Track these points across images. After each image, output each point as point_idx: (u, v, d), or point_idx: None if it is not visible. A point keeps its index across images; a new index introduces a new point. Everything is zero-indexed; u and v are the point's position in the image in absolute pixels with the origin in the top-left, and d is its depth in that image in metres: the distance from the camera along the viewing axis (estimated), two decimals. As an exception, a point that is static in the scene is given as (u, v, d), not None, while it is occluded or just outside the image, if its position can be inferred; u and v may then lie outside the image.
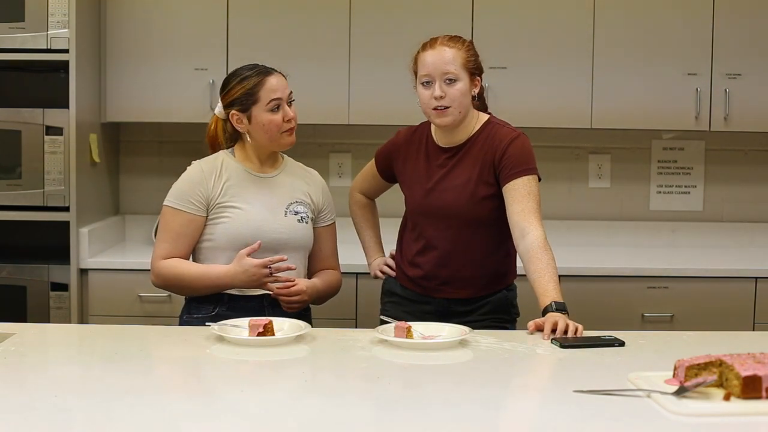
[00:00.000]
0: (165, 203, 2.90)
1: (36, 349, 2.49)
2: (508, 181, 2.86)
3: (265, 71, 2.89)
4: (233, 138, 2.96)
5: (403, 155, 3.07)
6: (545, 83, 4.13)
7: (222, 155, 2.95)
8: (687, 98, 4.15)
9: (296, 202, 2.95)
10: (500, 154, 2.89)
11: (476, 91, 2.94)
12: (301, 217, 2.94)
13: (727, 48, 4.13)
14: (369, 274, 3.30)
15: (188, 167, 2.94)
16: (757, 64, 4.15)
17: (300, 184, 2.99)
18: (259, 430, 1.90)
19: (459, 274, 2.97)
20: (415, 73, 2.95)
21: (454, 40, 2.93)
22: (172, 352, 2.50)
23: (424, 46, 2.93)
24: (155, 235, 4.18)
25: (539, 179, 2.90)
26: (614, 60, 4.13)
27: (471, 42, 2.97)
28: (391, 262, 3.17)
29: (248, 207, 2.88)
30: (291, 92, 2.92)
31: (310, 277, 3.01)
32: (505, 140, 2.90)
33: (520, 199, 2.83)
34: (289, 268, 2.81)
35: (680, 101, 4.15)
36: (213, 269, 2.85)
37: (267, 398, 2.09)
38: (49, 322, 3.84)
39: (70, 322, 3.83)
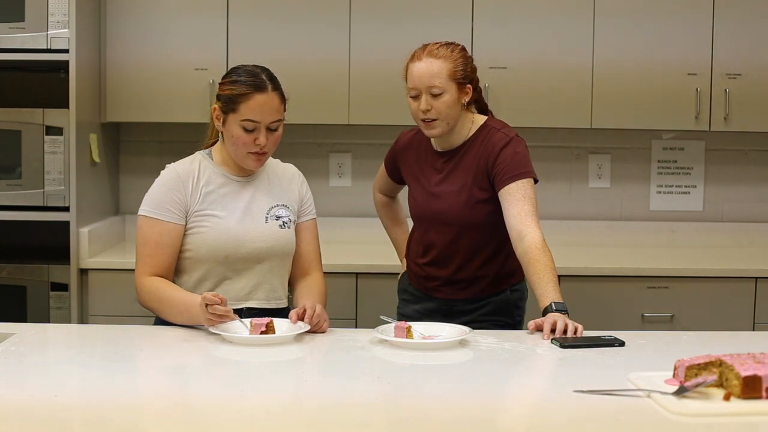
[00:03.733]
0: (140, 213, 2.75)
1: (36, 349, 2.49)
2: (503, 186, 2.86)
3: (259, 86, 2.68)
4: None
5: (404, 159, 3.09)
6: (545, 83, 4.13)
7: (199, 157, 2.81)
8: (687, 98, 4.15)
9: (277, 205, 2.80)
10: (493, 160, 2.89)
11: (467, 99, 2.91)
12: (283, 222, 2.79)
13: (727, 48, 4.13)
14: (369, 274, 3.31)
15: (162, 171, 2.78)
16: (757, 64, 4.14)
17: (280, 184, 2.85)
18: (258, 430, 1.90)
19: (457, 276, 2.98)
20: (406, 83, 2.92)
21: (444, 48, 2.88)
22: (172, 352, 2.50)
23: (413, 57, 2.90)
24: None
25: (536, 181, 2.90)
26: (614, 60, 4.13)
27: (462, 48, 2.92)
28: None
29: (227, 215, 2.74)
30: (280, 120, 2.71)
31: (291, 280, 2.88)
32: (498, 146, 2.90)
33: (516, 202, 2.83)
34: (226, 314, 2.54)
35: (680, 101, 4.15)
36: (187, 298, 2.64)
37: (267, 398, 2.09)
38: (49, 322, 3.84)
39: (70, 322, 3.83)
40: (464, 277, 2.98)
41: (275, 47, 4.09)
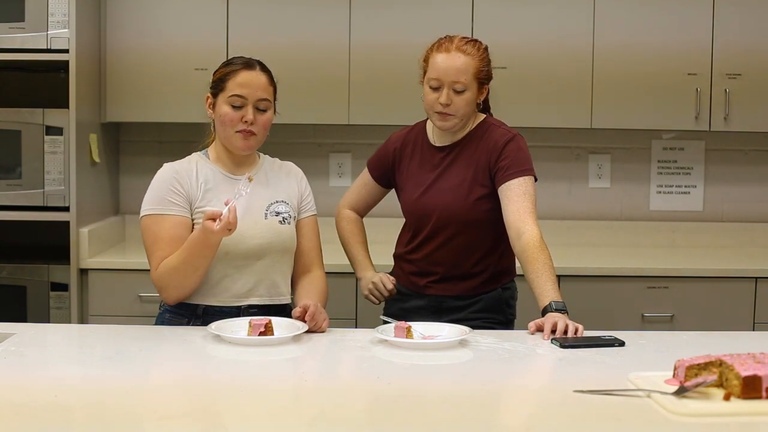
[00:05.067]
0: (143, 214, 2.72)
1: (36, 349, 2.49)
2: (503, 182, 2.86)
3: (248, 64, 2.74)
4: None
5: (399, 156, 3.05)
6: (546, 83, 4.13)
7: (195, 157, 2.82)
8: (687, 98, 4.15)
9: (277, 201, 2.80)
10: (496, 156, 2.88)
11: (482, 98, 2.92)
12: (283, 217, 2.79)
13: (727, 48, 4.13)
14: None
15: (159, 170, 2.78)
16: (757, 64, 4.15)
17: (279, 181, 2.85)
18: (258, 429, 1.90)
19: (452, 273, 2.97)
20: (424, 70, 2.90)
21: (470, 45, 2.87)
22: (172, 352, 2.50)
23: (439, 47, 2.87)
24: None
25: (535, 179, 2.90)
26: (614, 60, 4.13)
27: (486, 48, 2.92)
28: (385, 281, 3.02)
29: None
30: (268, 100, 2.73)
31: (293, 277, 2.87)
32: (501, 141, 2.90)
33: (516, 199, 2.83)
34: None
35: (680, 101, 4.15)
36: (191, 237, 2.63)
37: (267, 398, 2.09)
38: (49, 322, 3.84)
39: (70, 322, 3.83)
40: (459, 273, 2.96)
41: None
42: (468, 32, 4.07)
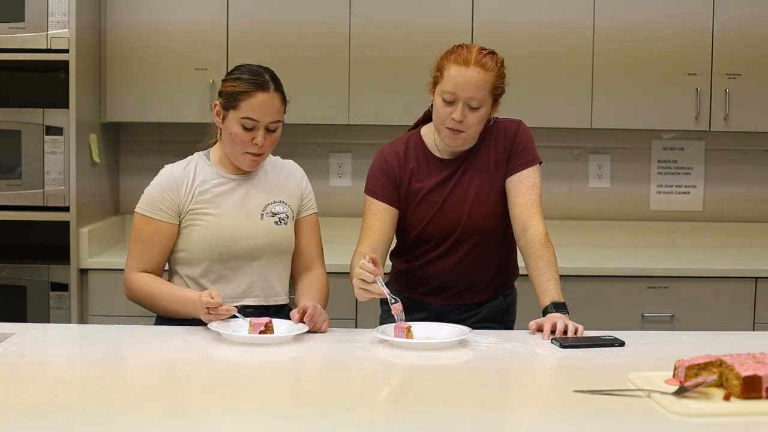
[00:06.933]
0: (136, 209, 2.78)
1: (36, 349, 2.49)
2: (514, 173, 2.81)
3: (262, 85, 2.69)
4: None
5: (403, 172, 2.87)
6: (546, 84, 4.13)
7: (196, 158, 2.82)
8: (687, 98, 4.15)
9: (274, 202, 2.80)
10: (510, 142, 2.84)
11: (494, 114, 2.83)
12: (279, 218, 2.79)
13: (727, 48, 4.13)
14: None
15: (160, 170, 2.80)
16: (757, 64, 4.15)
17: (278, 180, 2.84)
18: (258, 429, 1.90)
19: (475, 281, 2.90)
20: (436, 79, 2.77)
21: (489, 58, 2.74)
22: (172, 352, 2.50)
23: (456, 58, 2.72)
24: None
25: (540, 162, 2.86)
26: (614, 59, 4.13)
27: (502, 62, 2.78)
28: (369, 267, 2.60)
29: (221, 213, 2.73)
30: (279, 121, 2.72)
31: (293, 276, 2.87)
32: (511, 129, 2.86)
33: (525, 191, 2.79)
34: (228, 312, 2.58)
35: (680, 101, 4.15)
36: (183, 293, 2.70)
37: (266, 398, 2.09)
38: (49, 322, 3.84)
39: (70, 322, 3.83)
40: (481, 280, 2.90)
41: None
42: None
